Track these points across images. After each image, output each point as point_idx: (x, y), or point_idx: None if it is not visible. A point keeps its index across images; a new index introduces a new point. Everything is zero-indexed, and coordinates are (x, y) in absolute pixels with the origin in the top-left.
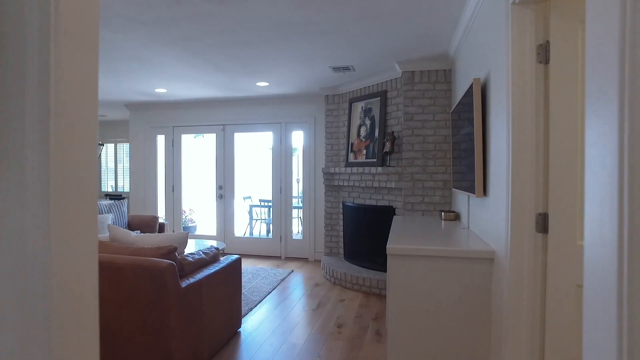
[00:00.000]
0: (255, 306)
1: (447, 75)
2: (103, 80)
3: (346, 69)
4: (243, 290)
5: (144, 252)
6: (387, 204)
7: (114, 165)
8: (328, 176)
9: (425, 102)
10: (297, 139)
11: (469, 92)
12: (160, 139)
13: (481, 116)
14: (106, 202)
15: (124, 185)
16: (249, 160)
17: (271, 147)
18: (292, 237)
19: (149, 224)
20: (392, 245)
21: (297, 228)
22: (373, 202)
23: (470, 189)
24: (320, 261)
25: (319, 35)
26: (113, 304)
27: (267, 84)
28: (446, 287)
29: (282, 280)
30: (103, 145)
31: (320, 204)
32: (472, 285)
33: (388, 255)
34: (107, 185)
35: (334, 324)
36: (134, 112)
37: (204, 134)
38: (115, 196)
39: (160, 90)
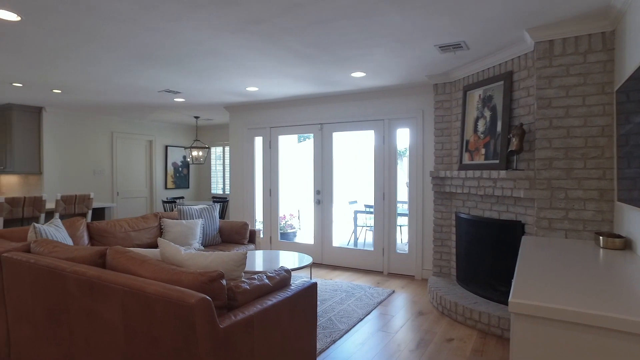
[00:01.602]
0: (339, 338)
1: (606, 40)
2: (192, 82)
3: (457, 46)
4: (331, 314)
5: (183, 278)
6: (514, 218)
7: (222, 168)
8: (438, 181)
9: (570, 81)
10: (403, 137)
11: None
12: (258, 141)
13: None
14: (198, 206)
15: None
16: (352, 162)
17: (373, 146)
18: (396, 250)
19: (239, 231)
20: (519, 300)
21: (401, 239)
22: (494, 215)
23: None
24: (428, 281)
25: (415, 2)
26: (139, 347)
27: (364, 74)
28: None
29: (380, 303)
30: (209, 148)
31: (429, 213)
32: None
33: (512, 315)
34: (217, 188)
35: None
36: (233, 114)
37: (307, 137)
38: (221, 199)
39: (252, 89)
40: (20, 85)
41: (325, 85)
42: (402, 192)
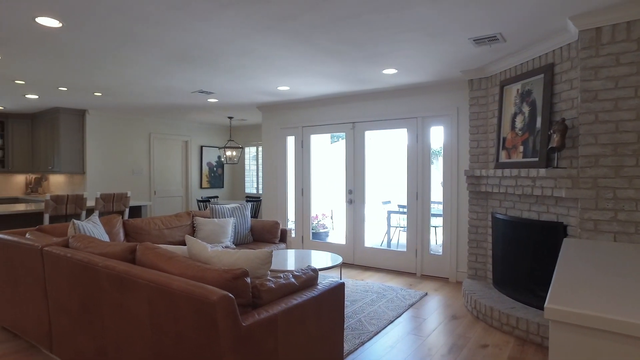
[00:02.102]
0: (368, 340)
1: None
2: (224, 82)
3: (492, 39)
4: (360, 316)
5: (207, 275)
6: (555, 219)
7: (256, 168)
8: (473, 180)
9: (619, 72)
10: (437, 135)
11: None
12: (290, 140)
13: None
14: (230, 205)
15: None
16: (385, 161)
17: (406, 145)
18: (429, 251)
19: (270, 230)
20: (555, 306)
21: (435, 240)
22: (533, 216)
23: None
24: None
25: None
26: (164, 342)
27: (395, 71)
28: None
29: (412, 305)
30: (242, 148)
31: (464, 214)
32: None
33: (550, 322)
34: (251, 187)
35: None
36: (265, 113)
37: (340, 137)
38: (255, 198)
39: (283, 88)
40: (65, 89)
41: (356, 83)
42: (436, 192)
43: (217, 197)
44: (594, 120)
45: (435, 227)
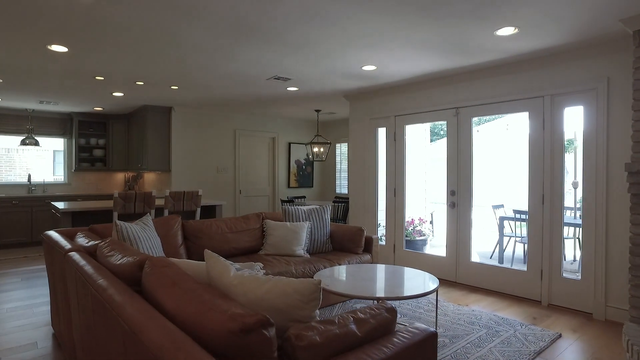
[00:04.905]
0: None
1: None
2: (297, 63)
3: None
4: None
5: (206, 320)
6: None
7: (347, 167)
8: (637, 178)
9: None
10: (573, 120)
11: None
12: (381, 133)
13: None
14: (306, 207)
15: None
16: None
17: (527, 134)
18: (561, 273)
19: (352, 238)
20: None
21: (565, 256)
22: None
23: None
24: (617, 324)
25: None
26: None
27: (515, 30)
28: None
29: (540, 352)
30: (330, 144)
31: (617, 224)
32: None
33: None
34: (342, 187)
35: None
36: (353, 102)
37: (439, 134)
38: (345, 199)
39: (368, 68)
40: (142, 83)
41: (459, 54)
42: (567, 195)
43: (304, 197)
44: None
45: (565, 238)
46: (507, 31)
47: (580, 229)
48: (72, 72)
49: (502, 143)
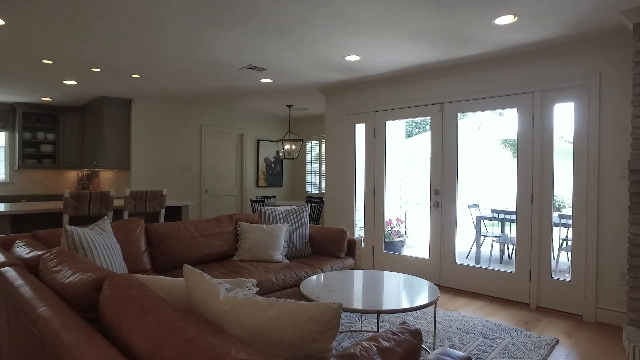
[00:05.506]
0: None
1: None
2: (277, 50)
3: None
4: None
5: None
6: None
7: (318, 165)
8: (638, 176)
9: None
10: (563, 116)
11: None
12: (360, 129)
13: None
14: (284, 207)
15: None
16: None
17: (516, 131)
18: (550, 274)
19: (334, 241)
20: None
21: (554, 256)
22: None
23: None
24: (608, 326)
25: None
26: None
27: (514, 18)
28: None
29: None
30: (302, 141)
31: (607, 224)
32: None
33: None
34: (312, 186)
35: None
36: (330, 97)
37: (417, 128)
38: (317, 199)
39: (352, 58)
40: (98, 70)
41: (450, 45)
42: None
43: (274, 197)
44: None
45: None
46: (506, 19)
47: (572, 229)
48: (12, 54)
49: (475, 142)
